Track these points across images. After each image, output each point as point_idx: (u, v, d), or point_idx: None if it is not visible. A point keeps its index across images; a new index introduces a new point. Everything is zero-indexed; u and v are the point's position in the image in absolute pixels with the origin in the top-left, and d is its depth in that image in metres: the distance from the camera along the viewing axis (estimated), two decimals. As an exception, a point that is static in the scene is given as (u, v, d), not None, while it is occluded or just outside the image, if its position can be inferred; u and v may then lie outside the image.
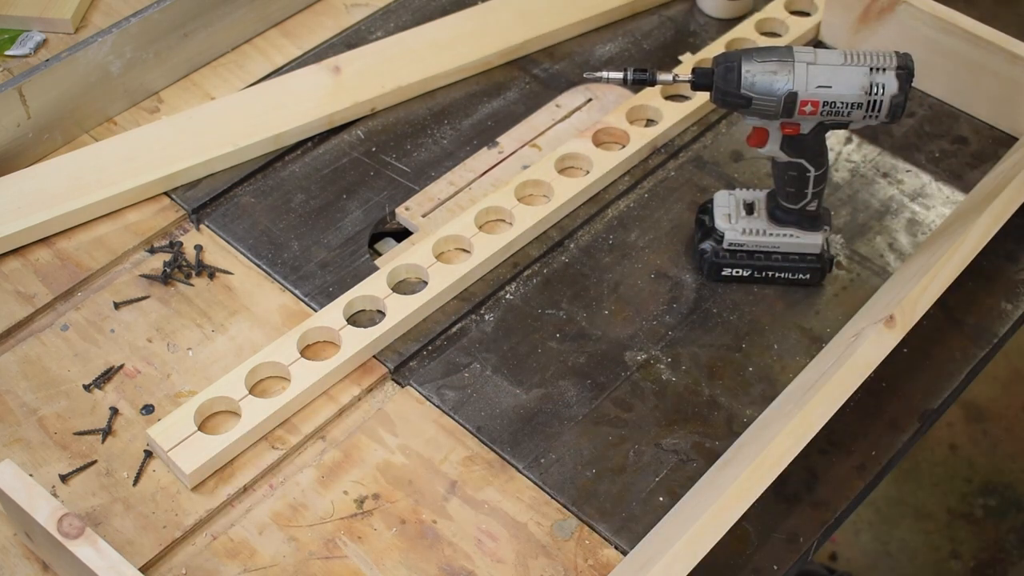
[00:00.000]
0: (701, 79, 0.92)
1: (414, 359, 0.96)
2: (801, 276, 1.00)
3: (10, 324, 0.96)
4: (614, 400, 0.93)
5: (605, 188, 1.08)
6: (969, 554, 1.83)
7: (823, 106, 0.91)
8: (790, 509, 0.87)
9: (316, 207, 1.06)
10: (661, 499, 0.87)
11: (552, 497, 0.88)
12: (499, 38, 1.19)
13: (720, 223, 0.99)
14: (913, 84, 1.17)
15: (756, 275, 1.00)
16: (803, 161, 0.95)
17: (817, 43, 1.22)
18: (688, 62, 1.16)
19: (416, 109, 1.15)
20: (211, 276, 1.01)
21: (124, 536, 0.84)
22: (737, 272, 1.00)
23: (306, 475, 0.89)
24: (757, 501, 0.80)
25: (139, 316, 0.98)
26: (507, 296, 1.00)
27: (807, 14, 1.22)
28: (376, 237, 1.07)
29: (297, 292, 1.00)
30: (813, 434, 0.83)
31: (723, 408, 0.93)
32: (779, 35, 1.20)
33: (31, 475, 0.87)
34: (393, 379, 0.95)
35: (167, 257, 1.02)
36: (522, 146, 1.12)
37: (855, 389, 0.86)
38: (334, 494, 0.87)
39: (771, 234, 0.99)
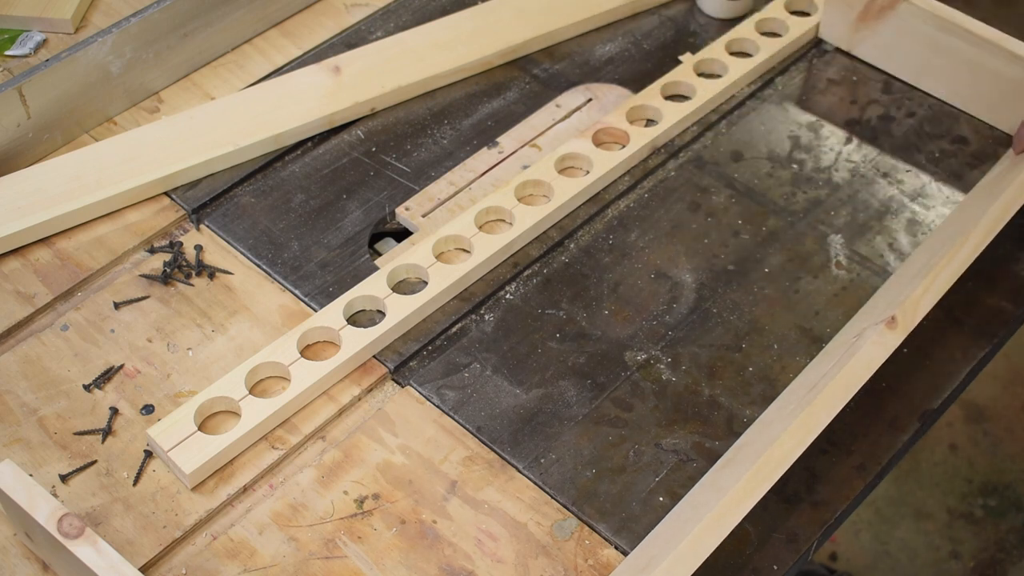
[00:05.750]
0: None
1: (414, 359, 0.96)
2: None
3: (10, 324, 0.96)
4: (614, 400, 0.93)
5: (605, 188, 1.08)
6: (969, 554, 1.83)
7: None
8: (790, 509, 0.87)
9: (316, 207, 1.06)
10: (661, 499, 0.87)
11: (552, 497, 0.88)
12: (499, 38, 1.19)
13: None
14: (913, 84, 1.18)
15: None
16: None
17: (817, 43, 1.22)
18: (688, 62, 1.16)
19: (416, 109, 1.15)
20: (211, 276, 1.01)
21: (124, 536, 0.84)
22: None
23: (306, 475, 0.89)
24: (757, 501, 0.80)
25: (139, 316, 0.98)
26: (507, 296, 1.00)
27: (807, 14, 1.22)
28: (376, 237, 1.07)
29: (297, 292, 1.00)
30: (815, 435, 0.83)
31: (723, 408, 0.93)
32: (779, 35, 1.20)
33: (31, 475, 0.87)
34: (393, 379, 0.95)
35: (167, 257, 1.02)
36: (522, 146, 1.12)
37: (856, 391, 0.86)
38: (334, 494, 0.87)
39: None
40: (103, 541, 0.76)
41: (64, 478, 0.87)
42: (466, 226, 1.02)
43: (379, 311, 0.97)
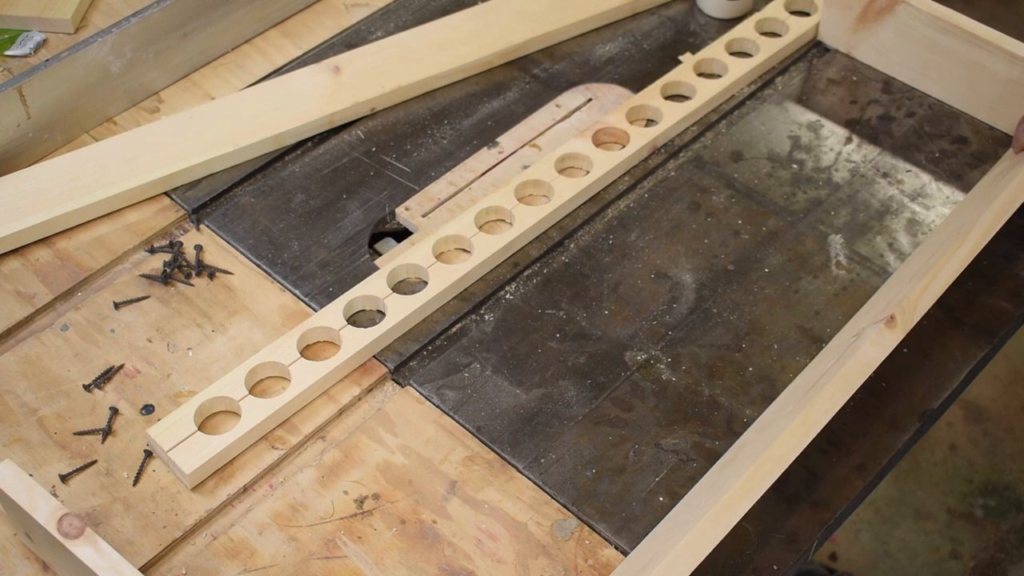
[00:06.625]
0: None
1: (414, 359, 0.96)
2: None
3: (10, 324, 0.96)
4: (614, 400, 0.93)
5: (605, 188, 1.08)
6: (969, 554, 1.83)
7: None
8: (790, 509, 0.87)
9: (316, 207, 1.06)
10: (661, 499, 0.87)
11: (552, 497, 0.88)
12: (499, 38, 1.19)
13: None
14: (913, 84, 1.18)
15: None
16: None
17: (816, 43, 1.22)
18: (688, 62, 1.16)
19: (416, 109, 1.15)
20: (211, 276, 1.01)
21: (124, 536, 0.84)
22: None
23: (306, 475, 0.89)
24: (757, 501, 0.80)
25: (139, 316, 0.98)
26: (507, 296, 1.00)
27: (807, 14, 1.22)
28: (376, 237, 1.07)
29: (297, 292, 1.00)
30: (814, 435, 0.83)
31: (723, 408, 0.93)
32: (779, 35, 1.20)
33: (31, 475, 0.87)
34: (393, 379, 0.95)
35: (167, 257, 1.02)
36: (522, 146, 1.12)
37: (856, 389, 0.86)
38: (334, 494, 0.87)
39: None
40: (103, 541, 0.76)
41: (64, 478, 0.87)
42: (466, 226, 1.02)
43: (379, 311, 0.97)
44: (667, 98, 1.14)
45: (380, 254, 1.06)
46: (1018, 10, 2.46)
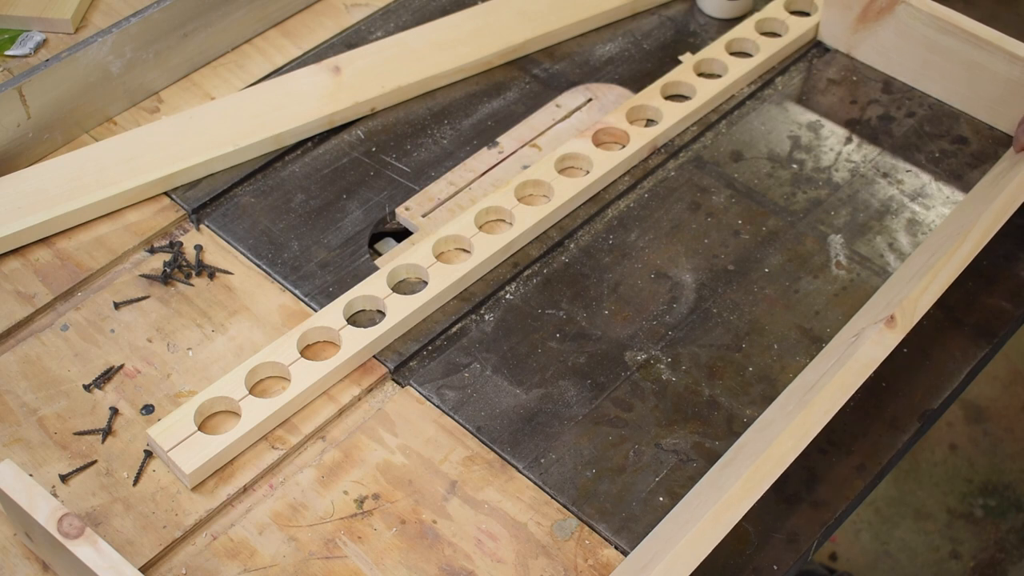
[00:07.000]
0: None
1: (414, 359, 0.96)
2: None
3: (10, 324, 0.96)
4: (614, 400, 0.93)
5: (605, 188, 1.08)
6: (969, 554, 1.83)
7: None
8: (790, 509, 0.87)
9: (316, 207, 1.06)
10: (661, 499, 0.87)
11: (552, 497, 0.88)
12: (499, 38, 1.19)
13: None
14: (913, 84, 1.18)
15: None
16: None
17: (817, 43, 1.22)
18: (688, 62, 1.16)
19: (416, 109, 1.15)
20: (211, 276, 1.01)
21: (124, 536, 0.84)
22: None
23: (306, 475, 0.89)
24: (757, 501, 0.80)
25: (139, 316, 0.98)
26: (507, 296, 1.00)
27: (807, 14, 1.22)
28: (376, 237, 1.07)
29: (297, 292, 1.00)
30: (814, 434, 0.83)
31: (723, 408, 0.93)
32: (779, 35, 1.20)
33: (31, 475, 0.87)
34: (393, 379, 0.95)
35: (167, 257, 1.02)
36: (522, 146, 1.12)
37: (856, 389, 0.86)
38: (334, 494, 0.87)
39: None
40: (103, 541, 0.76)
41: (64, 478, 0.87)
42: (466, 226, 1.02)
43: (379, 311, 0.97)
44: (667, 98, 1.14)
45: (380, 254, 1.06)
46: (1018, 10, 2.46)
